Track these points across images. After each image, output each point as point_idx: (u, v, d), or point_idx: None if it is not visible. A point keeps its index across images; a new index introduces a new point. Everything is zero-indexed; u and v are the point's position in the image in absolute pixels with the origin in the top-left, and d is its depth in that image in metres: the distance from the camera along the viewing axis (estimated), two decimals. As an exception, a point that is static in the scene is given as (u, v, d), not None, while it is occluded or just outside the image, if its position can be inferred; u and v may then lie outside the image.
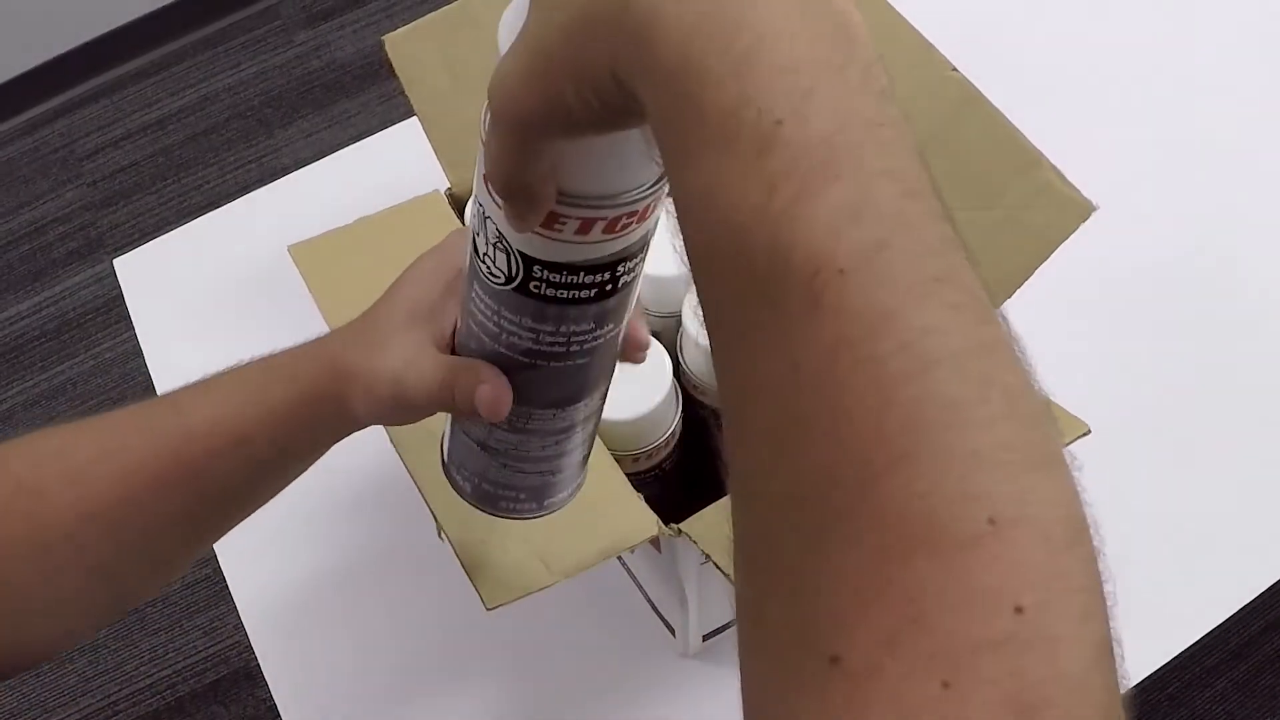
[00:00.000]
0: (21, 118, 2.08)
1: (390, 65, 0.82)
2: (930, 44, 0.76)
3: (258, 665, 0.88)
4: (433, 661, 0.87)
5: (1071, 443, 0.64)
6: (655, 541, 0.67)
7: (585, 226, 0.42)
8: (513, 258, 0.44)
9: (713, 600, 0.79)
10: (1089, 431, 0.65)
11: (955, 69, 0.75)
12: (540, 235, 0.42)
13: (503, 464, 0.53)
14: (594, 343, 0.48)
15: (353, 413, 0.54)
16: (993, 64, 0.79)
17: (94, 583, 0.55)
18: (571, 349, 0.48)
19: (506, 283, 0.45)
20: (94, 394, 1.81)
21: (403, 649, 0.87)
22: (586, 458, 0.56)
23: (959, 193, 0.73)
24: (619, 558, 0.78)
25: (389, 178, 0.99)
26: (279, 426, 0.54)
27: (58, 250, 1.94)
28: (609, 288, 0.46)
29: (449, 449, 0.56)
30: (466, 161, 0.82)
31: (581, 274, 0.44)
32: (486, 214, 0.44)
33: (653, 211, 0.44)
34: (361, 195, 0.97)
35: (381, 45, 0.81)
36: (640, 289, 0.77)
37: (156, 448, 0.54)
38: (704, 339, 0.73)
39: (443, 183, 0.83)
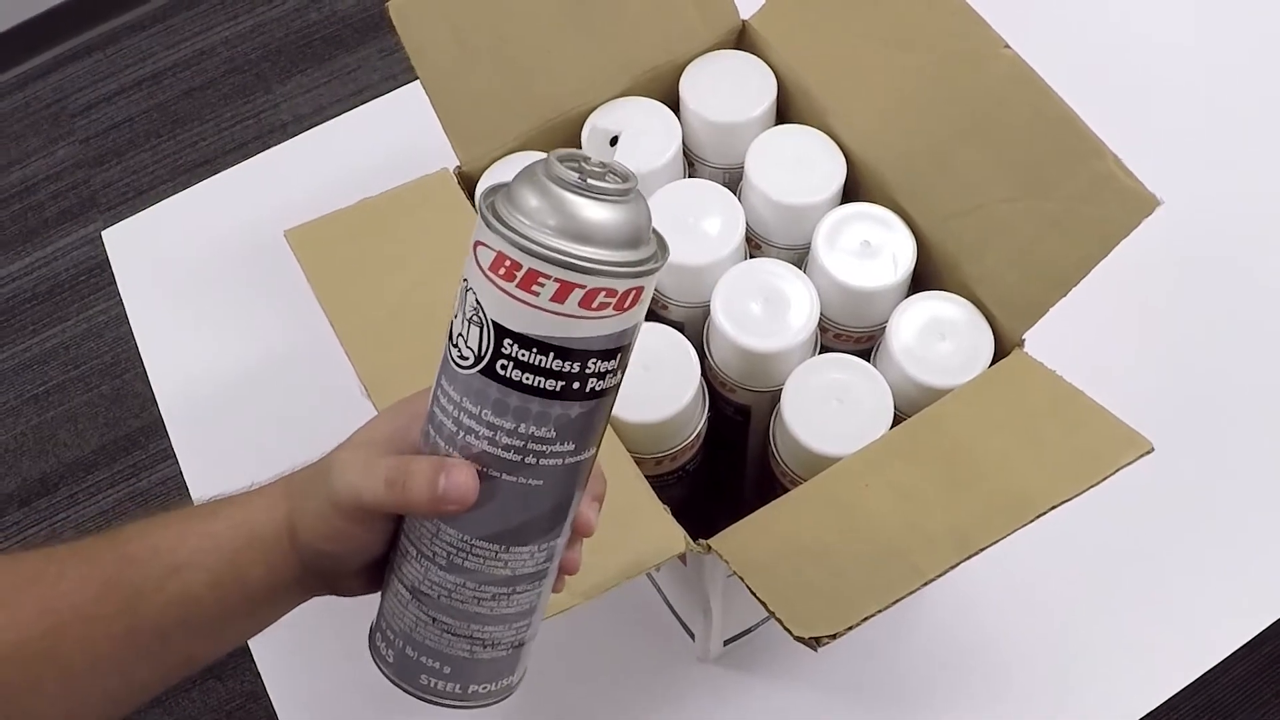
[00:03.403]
0: (11, 73, 2.02)
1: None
2: (981, 18, 0.71)
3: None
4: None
5: (1133, 463, 0.60)
6: (682, 556, 0.63)
7: (563, 292, 0.43)
8: (485, 330, 0.45)
9: (736, 608, 0.75)
10: (1152, 450, 0.60)
11: (1008, 46, 0.69)
12: (516, 299, 0.43)
13: (432, 618, 0.50)
14: (550, 460, 0.46)
15: (297, 550, 0.50)
16: (1050, 42, 0.74)
17: None
18: (527, 460, 0.46)
19: (474, 364, 0.45)
20: (86, 358, 1.76)
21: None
22: (522, 655, 0.52)
23: (1010, 180, 0.69)
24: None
25: (391, 145, 0.95)
26: (216, 560, 0.50)
27: (49, 210, 1.89)
28: (575, 386, 0.45)
29: (379, 610, 0.53)
30: (476, 137, 0.77)
31: (551, 355, 0.44)
32: (469, 285, 0.45)
33: (630, 305, 0.45)
34: (361, 165, 0.93)
35: (386, 12, 0.76)
36: (665, 278, 0.72)
37: (91, 573, 0.50)
38: (734, 333, 0.69)
39: (450, 155, 0.77)
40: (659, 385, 0.68)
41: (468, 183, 0.77)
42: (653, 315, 0.77)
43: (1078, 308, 0.67)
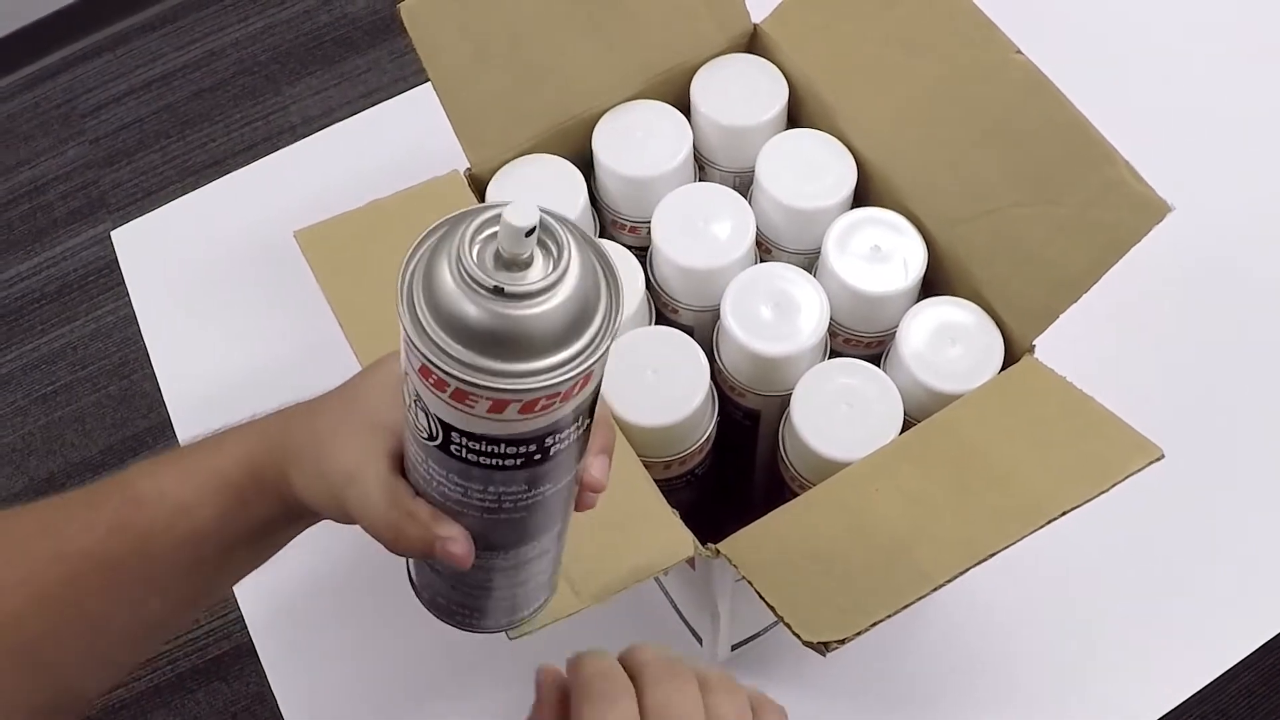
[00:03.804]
0: (22, 72, 2.02)
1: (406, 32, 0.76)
2: (993, 23, 0.71)
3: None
4: (444, 663, 0.83)
5: (1142, 469, 0.60)
6: (690, 560, 0.62)
7: (498, 407, 0.39)
8: (431, 420, 0.41)
9: (743, 613, 0.75)
10: (1162, 456, 0.60)
11: (1020, 52, 0.69)
12: (452, 407, 0.40)
13: (451, 585, 0.51)
14: (529, 500, 0.45)
15: (294, 493, 0.51)
16: (1062, 47, 0.74)
17: (34, 679, 0.51)
18: (504, 505, 0.45)
19: (430, 439, 0.43)
20: (94, 358, 1.76)
21: (411, 651, 0.83)
22: (551, 580, 0.54)
23: (1022, 186, 0.69)
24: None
25: (400, 147, 0.95)
26: (223, 497, 0.51)
27: (59, 209, 1.89)
28: (537, 457, 0.42)
29: (409, 561, 0.54)
30: (487, 139, 0.77)
31: (503, 445, 0.41)
32: (408, 374, 0.41)
33: (580, 389, 0.40)
34: (371, 167, 0.93)
35: (397, 14, 0.76)
36: (675, 282, 0.72)
37: (99, 518, 0.51)
38: (744, 337, 0.69)
39: (460, 157, 0.77)
40: (668, 389, 0.68)
41: (478, 185, 0.77)
42: (662, 319, 0.76)
43: (1086, 312, 0.66)
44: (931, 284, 0.73)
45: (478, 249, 0.38)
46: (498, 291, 0.37)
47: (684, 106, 0.79)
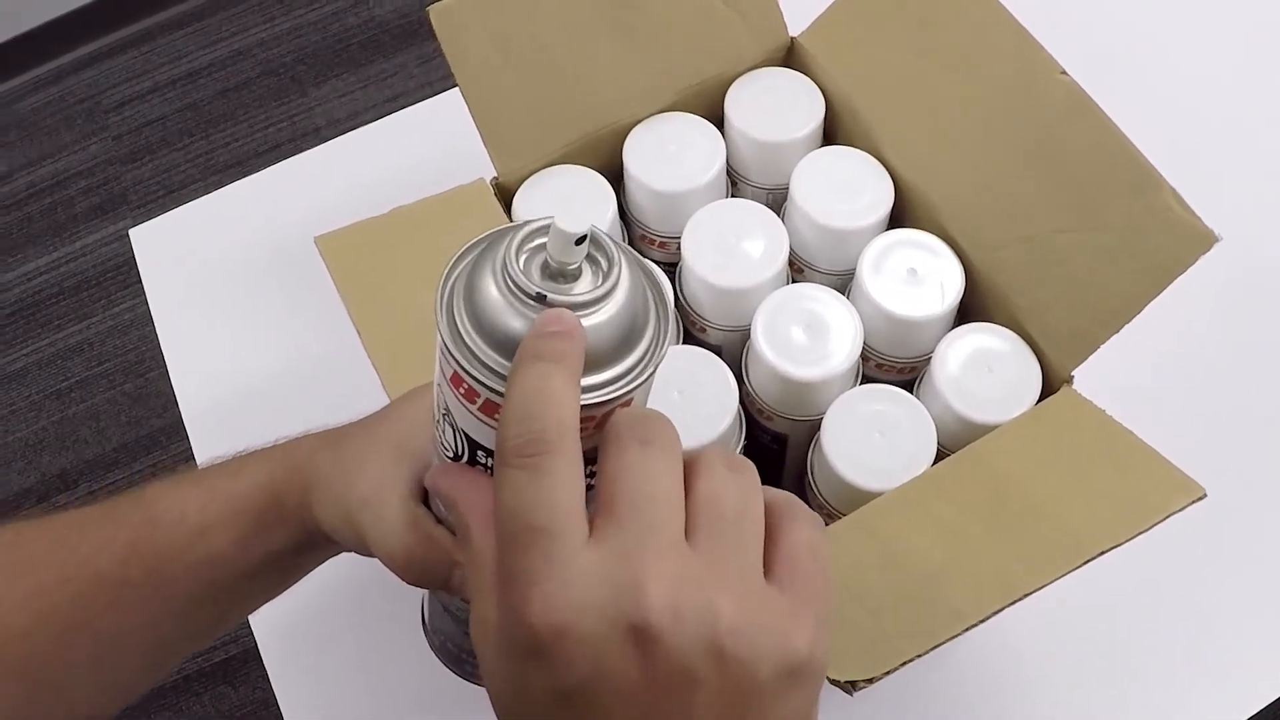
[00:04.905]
0: (47, 67, 2.02)
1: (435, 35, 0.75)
2: (1037, 42, 0.69)
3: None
4: (451, 676, 0.82)
5: (1185, 508, 0.58)
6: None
7: None
8: (459, 435, 0.40)
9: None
10: (1204, 496, 0.58)
11: (1065, 72, 0.67)
12: (481, 421, 0.38)
13: (465, 631, 0.49)
14: None
15: (315, 520, 0.49)
16: (1108, 68, 0.72)
17: (39, 698, 0.50)
18: None
19: (455, 457, 0.41)
20: (110, 355, 1.75)
21: (418, 663, 0.81)
22: None
23: (1065, 211, 0.67)
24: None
25: (425, 154, 0.94)
26: (242, 521, 0.50)
27: (79, 205, 1.88)
28: None
29: (425, 603, 0.53)
30: (515, 148, 0.75)
31: None
32: (438, 384, 0.41)
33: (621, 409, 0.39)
34: (395, 172, 0.92)
35: (426, 16, 0.74)
36: (704, 300, 0.70)
37: (115, 536, 0.50)
38: (774, 360, 0.67)
39: (486, 165, 0.76)
40: (695, 410, 0.66)
41: (505, 194, 0.75)
42: (690, 338, 0.75)
43: (1127, 343, 0.64)
44: (968, 309, 0.71)
45: (524, 258, 0.37)
46: (540, 299, 0.36)
47: (718, 120, 0.77)
